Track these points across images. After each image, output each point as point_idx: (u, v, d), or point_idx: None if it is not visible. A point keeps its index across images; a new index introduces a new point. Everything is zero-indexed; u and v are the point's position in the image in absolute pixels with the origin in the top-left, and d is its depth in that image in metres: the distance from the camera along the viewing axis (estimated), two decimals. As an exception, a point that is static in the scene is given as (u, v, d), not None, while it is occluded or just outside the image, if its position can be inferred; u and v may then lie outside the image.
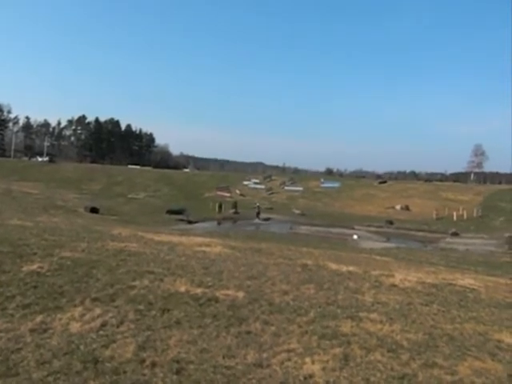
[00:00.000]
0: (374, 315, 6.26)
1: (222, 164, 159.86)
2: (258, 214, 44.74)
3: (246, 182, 67.15)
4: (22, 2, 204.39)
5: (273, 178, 74.23)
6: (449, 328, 5.96)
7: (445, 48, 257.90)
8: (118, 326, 5.09)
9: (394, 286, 8.60)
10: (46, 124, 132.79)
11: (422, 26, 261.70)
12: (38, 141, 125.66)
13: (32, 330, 4.80)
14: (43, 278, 6.69)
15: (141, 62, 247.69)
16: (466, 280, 10.46)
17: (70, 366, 4.03)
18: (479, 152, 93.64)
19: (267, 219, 43.58)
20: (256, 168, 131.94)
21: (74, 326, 5.01)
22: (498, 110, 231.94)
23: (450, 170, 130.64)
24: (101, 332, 4.90)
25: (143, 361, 4.25)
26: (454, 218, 43.78)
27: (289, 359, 4.53)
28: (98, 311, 5.51)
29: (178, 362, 4.29)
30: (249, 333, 5.19)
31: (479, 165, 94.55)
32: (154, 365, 4.19)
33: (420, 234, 36.72)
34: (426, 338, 5.46)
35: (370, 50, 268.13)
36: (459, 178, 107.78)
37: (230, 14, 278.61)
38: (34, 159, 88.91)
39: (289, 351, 4.73)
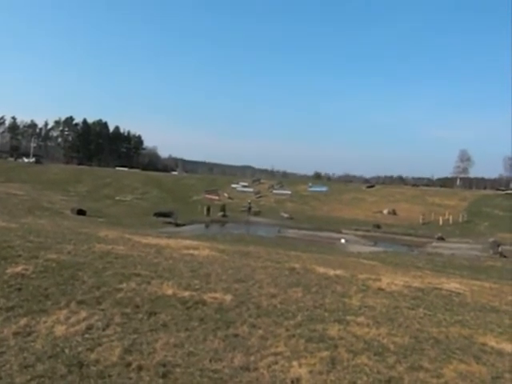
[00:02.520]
0: (361, 319, 6.28)
1: (211, 167, 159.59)
2: (250, 209, 48.10)
3: (234, 186, 67.10)
4: (10, 3, 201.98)
5: (261, 181, 74.37)
6: (434, 331, 6.01)
7: (432, 54, 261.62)
8: (103, 329, 5.03)
9: (381, 289, 8.64)
10: (33, 125, 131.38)
11: (409, 32, 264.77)
12: (25, 142, 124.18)
13: (16, 333, 4.72)
14: (28, 281, 6.59)
15: (130, 64, 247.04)
16: (452, 284, 10.56)
17: (54, 370, 3.97)
18: (465, 157, 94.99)
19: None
20: (245, 171, 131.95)
21: (59, 329, 4.94)
22: (484, 115, 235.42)
23: (437, 175, 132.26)
24: (86, 335, 4.84)
25: (129, 364, 4.21)
26: (440, 222, 44.24)
27: (276, 362, 4.52)
28: (83, 314, 5.45)
29: (164, 365, 4.25)
30: (236, 336, 5.17)
31: (465, 170, 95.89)
32: (140, 368, 4.15)
33: (407, 238, 37.03)
34: (412, 341, 5.49)
35: (358, 55, 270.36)
36: (445, 183, 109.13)
37: (217, 17, 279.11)
38: (20, 160, 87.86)
39: (276, 354, 4.72)
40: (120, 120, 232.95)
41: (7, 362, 4.08)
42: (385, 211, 51.57)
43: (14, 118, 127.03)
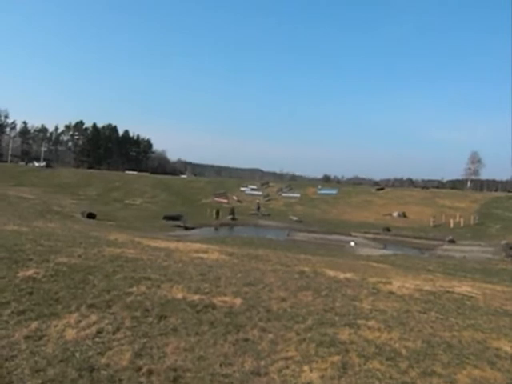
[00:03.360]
0: (372, 323, 6.23)
1: (220, 170, 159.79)
2: (259, 209, 50.67)
3: (243, 189, 67.03)
4: (22, 5, 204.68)
5: (270, 184, 74.16)
6: (447, 336, 5.93)
7: (442, 54, 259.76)
8: (114, 333, 5.04)
9: (392, 293, 8.56)
10: (44, 129, 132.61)
11: (419, 32, 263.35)
12: (35, 146, 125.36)
13: (27, 337, 4.74)
14: (39, 284, 6.63)
15: (140, 68, 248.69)
16: (464, 287, 10.44)
17: (65, 374, 3.97)
18: (476, 159, 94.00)
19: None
20: (253, 174, 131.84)
21: (70, 333, 4.95)
22: (495, 116, 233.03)
23: (447, 177, 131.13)
24: (97, 339, 4.84)
25: (139, 368, 4.20)
26: (451, 225, 43.80)
27: (287, 367, 4.49)
28: (93, 318, 5.46)
29: (174, 369, 4.24)
30: (246, 340, 5.15)
31: (476, 172, 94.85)
32: (150, 373, 4.14)
33: (417, 241, 36.69)
34: (425, 345, 5.42)
35: (369, 55, 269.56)
36: (456, 185, 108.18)
37: (231, 20, 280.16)
38: (30, 164, 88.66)
39: (287, 359, 4.69)
40: (129, 124, 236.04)
41: (18, 365, 4.10)
42: (395, 214, 51.19)
43: (24, 122, 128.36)
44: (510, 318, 7.42)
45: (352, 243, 30.23)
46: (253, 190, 67.12)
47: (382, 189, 70.80)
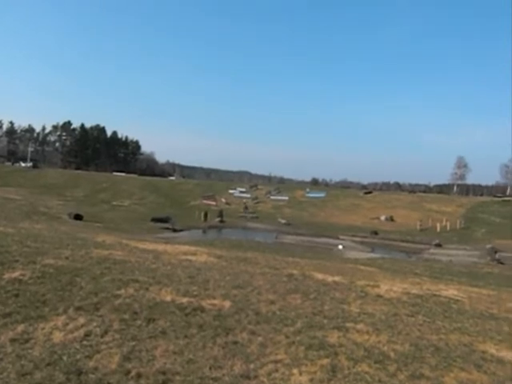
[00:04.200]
0: (360, 326, 6.26)
1: (208, 172, 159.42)
2: (246, 208, 52.42)
3: (231, 191, 67.03)
4: (9, 5, 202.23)
5: (259, 187, 74.29)
6: (434, 339, 5.98)
7: (431, 59, 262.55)
8: (102, 336, 5.00)
9: (380, 296, 8.61)
10: (31, 129, 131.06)
11: (405, 38, 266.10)
12: (22, 146, 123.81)
13: (13, 340, 4.68)
14: (25, 286, 6.55)
15: (128, 69, 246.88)
16: (450, 291, 10.54)
17: (52, 378, 3.93)
18: (462, 164, 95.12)
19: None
20: (242, 177, 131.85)
21: (57, 336, 4.90)
22: (482, 122, 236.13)
23: (434, 182, 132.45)
24: (84, 342, 4.80)
25: (128, 372, 4.17)
26: (438, 229, 44.27)
27: (276, 370, 4.49)
28: (81, 320, 5.41)
29: (163, 373, 4.22)
30: (235, 343, 5.14)
31: (462, 177, 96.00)
32: (139, 376, 4.12)
33: (404, 244, 37.00)
34: (413, 348, 5.47)
35: (356, 59, 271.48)
36: (443, 189, 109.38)
37: (216, 20, 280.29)
38: (17, 165, 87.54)
39: (276, 362, 4.69)
40: (118, 125, 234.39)
41: (4, 369, 4.05)
42: (382, 217, 51.59)
43: (11, 122, 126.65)
44: (495, 321, 7.52)
45: (340, 246, 30.37)
46: (241, 192, 67.15)
47: (369, 192, 71.32)
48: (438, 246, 35.37)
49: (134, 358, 4.47)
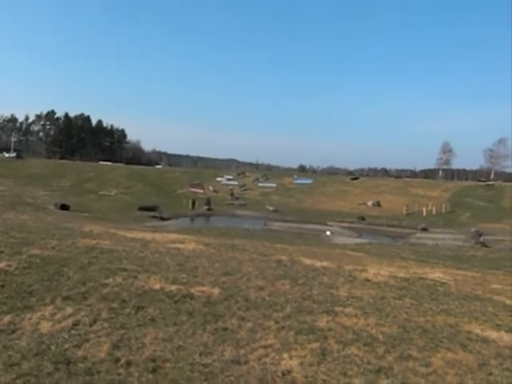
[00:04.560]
0: (349, 309, 6.32)
1: (196, 160, 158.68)
2: (232, 194, 53.61)
3: (219, 179, 66.91)
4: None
5: (246, 174, 74.25)
6: (421, 321, 6.07)
7: (416, 46, 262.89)
8: (90, 325, 4.97)
9: (368, 280, 8.71)
10: (13, 119, 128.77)
11: (392, 25, 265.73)
12: (5, 136, 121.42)
13: (-1, 331, 4.62)
14: (11, 277, 6.47)
15: (112, 58, 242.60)
16: (436, 274, 10.70)
17: (40, 368, 3.89)
18: (447, 149, 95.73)
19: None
20: (229, 164, 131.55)
21: (45, 326, 4.85)
22: (466, 108, 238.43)
23: (420, 167, 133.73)
24: (73, 331, 4.76)
25: (118, 360, 4.16)
26: (424, 213, 44.81)
27: (266, 355, 4.52)
28: (69, 310, 5.36)
29: (153, 360, 4.21)
30: (225, 329, 5.15)
31: (447, 162, 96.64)
32: (129, 364, 4.10)
33: (391, 229, 37.42)
34: (400, 331, 5.54)
35: (342, 49, 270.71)
36: (428, 174, 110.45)
37: (204, 12, 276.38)
38: (0, 155, 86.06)
39: (266, 347, 4.72)
40: (103, 114, 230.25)
41: (-8, 360, 4.00)
42: (369, 203, 52.01)
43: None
44: (480, 302, 7.66)
45: (328, 232, 30.56)
46: (229, 180, 67.04)
47: (356, 178, 71.75)
48: (424, 230, 35.84)
49: (123, 347, 4.45)
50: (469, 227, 33.94)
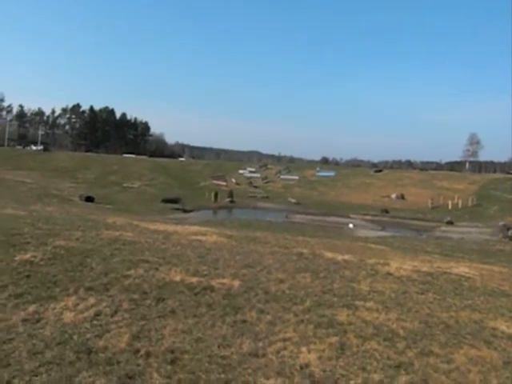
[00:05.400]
0: (369, 304, 6.24)
1: (218, 153, 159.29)
2: (250, 183, 56.94)
3: (241, 171, 66.99)
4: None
5: (268, 166, 74.12)
6: (444, 316, 5.95)
7: (438, 38, 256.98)
8: (112, 316, 5.05)
9: (390, 274, 8.58)
10: (40, 112, 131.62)
11: (415, 17, 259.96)
12: (32, 129, 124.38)
13: (24, 320, 4.75)
14: (36, 268, 6.62)
15: (136, 50, 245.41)
16: (461, 268, 10.47)
17: (62, 357, 3.98)
18: (474, 141, 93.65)
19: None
20: (252, 157, 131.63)
21: (68, 316, 4.96)
22: (493, 98, 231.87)
23: (445, 159, 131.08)
24: (94, 322, 4.85)
25: (137, 351, 4.21)
26: (449, 206, 43.91)
27: (285, 348, 4.51)
28: (91, 301, 5.46)
29: (172, 351, 4.25)
30: (244, 322, 5.16)
31: (474, 154, 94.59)
32: (148, 355, 4.15)
33: (415, 222, 36.80)
34: (422, 326, 5.44)
35: (366, 40, 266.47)
36: (454, 166, 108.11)
37: (225, 4, 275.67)
38: (28, 148, 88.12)
39: (285, 340, 4.70)
40: (127, 107, 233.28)
41: (16, 348, 4.11)
42: (393, 196, 51.29)
43: (21, 105, 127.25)
44: (507, 298, 7.45)
45: (350, 225, 30.32)
46: (251, 172, 67.05)
47: (380, 171, 70.77)
48: (450, 223, 35.14)
49: (143, 338, 4.51)
50: (496, 221, 33.09)
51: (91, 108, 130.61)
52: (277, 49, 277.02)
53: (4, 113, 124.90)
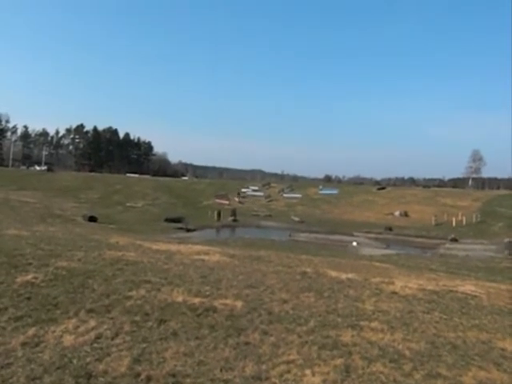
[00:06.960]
0: (374, 324, 6.14)
1: (221, 172, 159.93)
2: (239, 194, 58.69)
3: (244, 190, 67.07)
4: (21, 9, 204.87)
5: (271, 185, 74.23)
6: (451, 336, 5.84)
7: (441, 53, 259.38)
8: (112, 339, 4.96)
9: (395, 293, 8.47)
10: (45, 133, 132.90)
11: (418, 32, 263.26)
12: (37, 150, 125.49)
13: (24, 344, 4.66)
14: (37, 289, 6.56)
15: (139, 71, 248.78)
16: (467, 286, 10.33)
17: (61, 382, 3.89)
18: (477, 157, 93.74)
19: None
20: (255, 175, 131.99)
21: (68, 339, 4.87)
22: (496, 114, 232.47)
23: (448, 176, 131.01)
24: (95, 345, 4.76)
25: (138, 375, 4.12)
26: (453, 223, 43.66)
27: (288, 371, 4.41)
28: (92, 323, 5.38)
29: (174, 375, 4.16)
30: (247, 344, 5.06)
31: (477, 170, 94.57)
32: (149, 379, 4.06)
33: (419, 240, 36.57)
34: (429, 347, 5.34)
35: (368, 55, 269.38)
36: (457, 183, 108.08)
37: (229, 20, 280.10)
38: (32, 168, 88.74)
39: (288, 363, 4.60)
40: (130, 127, 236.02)
41: (14, 373, 4.02)
42: (396, 213, 51.12)
43: (25, 126, 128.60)
44: (515, 317, 7.32)
45: (354, 243, 30.12)
46: (254, 191, 67.12)
47: (383, 188, 70.76)
48: (454, 240, 34.88)
49: (144, 361, 4.42)
50: (501, 238, 32.78)
51: (95, 128, 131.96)
52: (279, 69, 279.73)
53: (9, 134, 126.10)
